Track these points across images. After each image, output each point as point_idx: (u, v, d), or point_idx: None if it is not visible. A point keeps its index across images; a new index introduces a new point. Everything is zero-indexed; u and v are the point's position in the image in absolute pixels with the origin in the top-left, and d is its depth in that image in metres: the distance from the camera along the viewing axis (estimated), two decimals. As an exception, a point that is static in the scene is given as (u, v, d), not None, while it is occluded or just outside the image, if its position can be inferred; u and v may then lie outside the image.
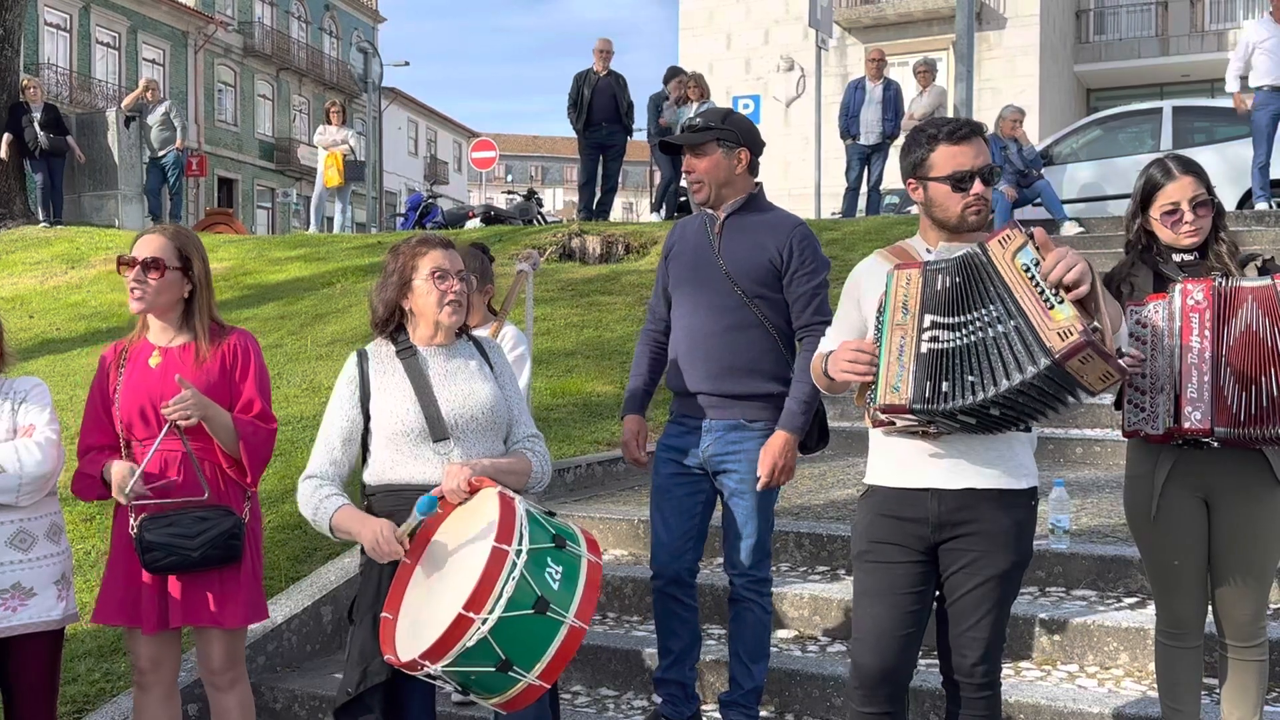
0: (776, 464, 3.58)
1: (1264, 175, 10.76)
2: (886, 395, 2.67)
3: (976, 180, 2.83)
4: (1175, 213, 3.13)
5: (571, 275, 10.31)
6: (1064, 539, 4.55)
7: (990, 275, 2.58)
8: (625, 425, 3.87)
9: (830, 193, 17.80)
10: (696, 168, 3.68)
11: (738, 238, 3.67)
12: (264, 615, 3.39)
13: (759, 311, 3.63)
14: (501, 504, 2.70)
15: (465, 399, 3.04)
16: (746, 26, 25.99)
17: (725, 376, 3.63)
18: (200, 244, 3.41)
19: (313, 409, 6.56)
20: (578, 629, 2.63)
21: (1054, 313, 2.48)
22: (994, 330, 2.56)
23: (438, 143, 53.75)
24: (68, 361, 8.39)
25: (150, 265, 3.25)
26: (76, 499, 3.28)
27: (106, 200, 15.67)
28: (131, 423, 3.23)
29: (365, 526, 2.90)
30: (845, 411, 6.61)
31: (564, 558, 2.70)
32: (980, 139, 2.89)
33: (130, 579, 3.23)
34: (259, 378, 3.33)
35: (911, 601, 2.86)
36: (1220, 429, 3.00)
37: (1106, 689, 3.79)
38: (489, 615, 2.54)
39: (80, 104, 28.20)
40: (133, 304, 3.30)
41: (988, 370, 2.55)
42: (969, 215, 2.85)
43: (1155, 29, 26.83)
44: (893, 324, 2.69)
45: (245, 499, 3.31)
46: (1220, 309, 3.02)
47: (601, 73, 12.85)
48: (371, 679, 2.91)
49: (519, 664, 2.60)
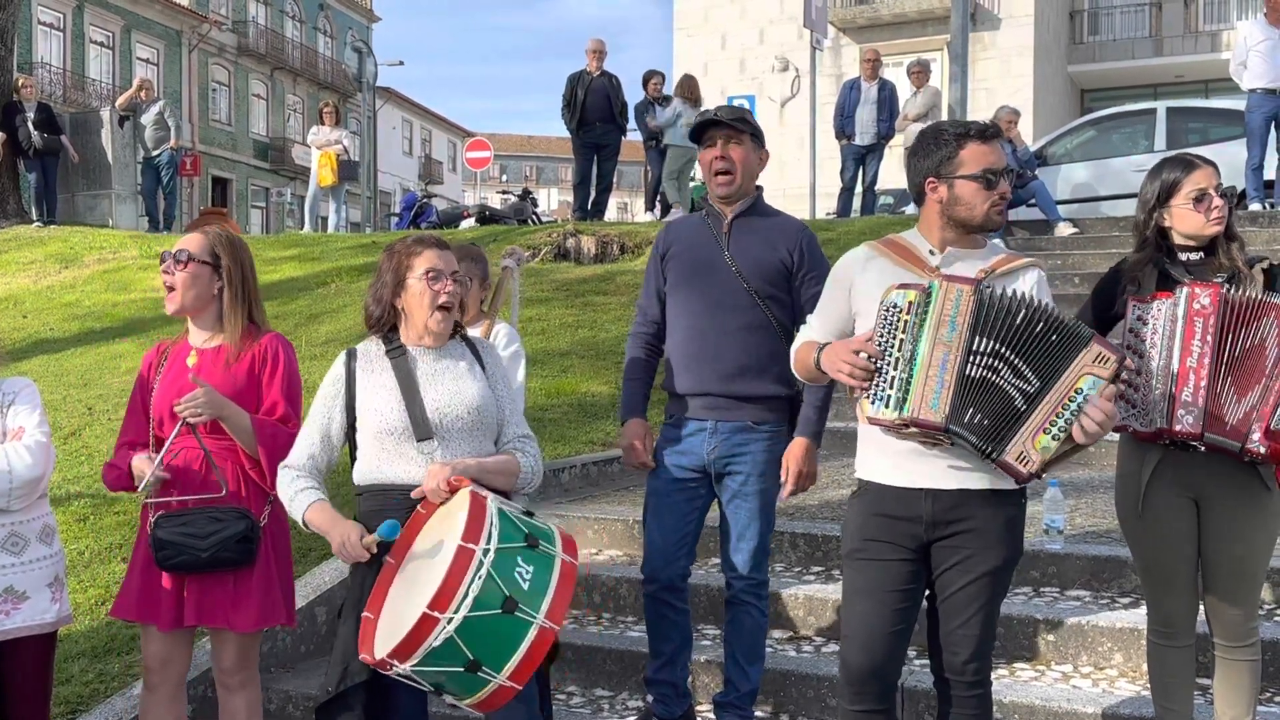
0: (801, 470, 3.58)
1: (1258, 176, 10.79)
2: (922, 410, 2.65)
3: (1004, 180, 2.85)
4: (1204, 198, 3.14)
5: (566, 275, 10.31)
6: (1059, 539, 4.55)
7: (1066, 356, 2.65)
8: (629, 430, 3.77)
9: (825, 193, 17.82)
10: (733, 154, 3.63)
11: (748, 238, 3.64)
12: (280, 619, 3.34)
13: (770, 312, 3.61)
14: (472, 503, 2.69)
15: (451, 398, 3.03)
16: (741, 26, 26.00)
17: (737, 378, 3.58)
18: (239, 246, 3.43)
19: (306, 408, 6.54)
20: (548, 630, 2.60)
21: (1040, 438, 2.64)
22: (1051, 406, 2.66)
23: (432, 142, 53.68)
24: (61, 362, 8.37)
25: (180, 259, 3.31)
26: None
27: (100, 200, 15.65)
28: (163, 420, 3.26)
29: (335, 528, 2.92)
30: (840, 412, 6.60)
31: (535, 557, 2.67)
32: (1000, 142, 2.93)
33: (148, 576, 3.25)
34: (287, 381, 3.35)
35: (900, 600, 2.86)
36: (1210, 435, 3.00)
37: (1101, 689, 3.80)
38: (454, 615, 2.53)
39: (74, 103, 28.13)
40: (167, 304, 3.37)
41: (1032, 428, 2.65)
42: (994, 214, 2.86)
43: (1149, 30, 26.88)
44: (935, 339, 2.66)
45: (267, 502, 3.30)
46: (1226, 317, 3.02)
47: (595, 73, 12.85)
48: (352, 678, 2.93)
49: (487, 664, 2.57)
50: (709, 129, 3.65)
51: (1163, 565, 3.19)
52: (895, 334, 2.71)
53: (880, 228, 10.80)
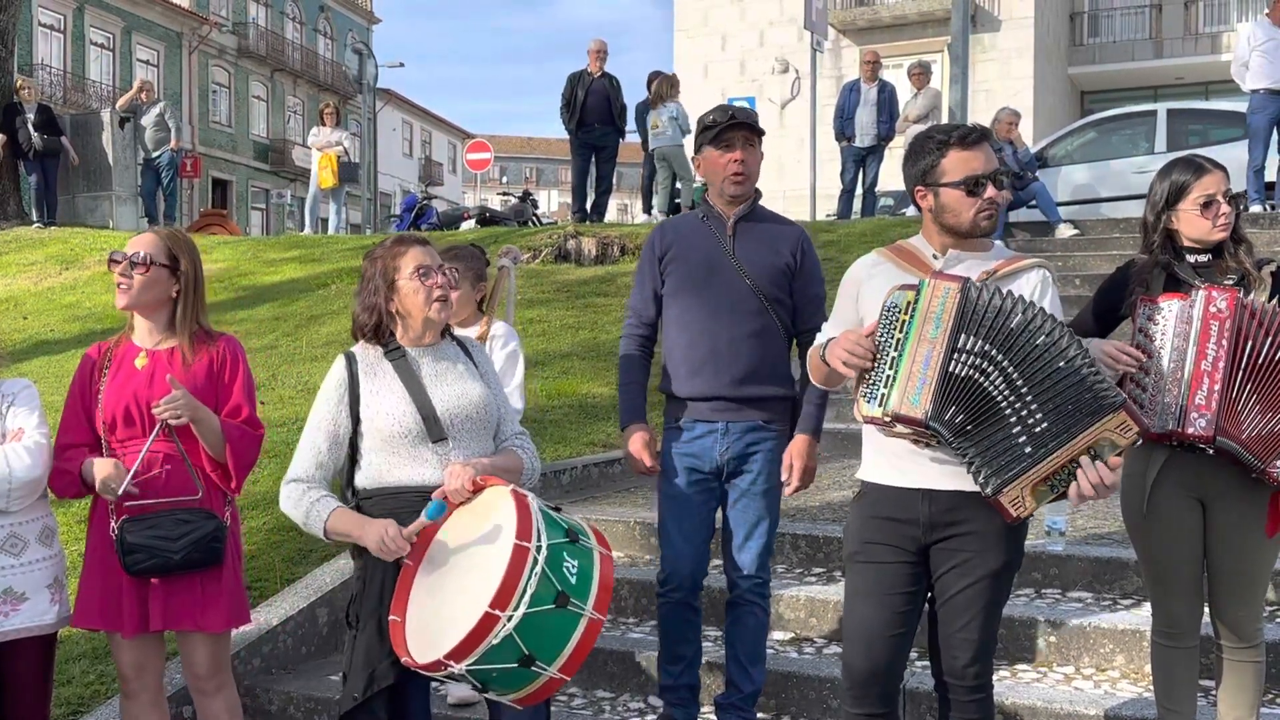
0: (807, 466, 3.60)
1: (1259, 178, 10.78)
2: (904, 405, 2.65)
3: (989, 185, 2.83)
4: (1212, 204, 3.13)
5: (567, 277, 10.30)
6: (1060, 541, 4.55)
7: (1089, 414, 2.63)
8: (633, 436, 3.71)
9: (825, 194, 17.83)
10: (750, 159, 3.63)
11: (753, 241, 3.64)
12: (246, 620, 3.36)
13: (776, 315, 3.62)
14: (517, 502, 2.71)
15: (459, 399, 3.03)
16: (741, 28, 26.01)
17: (749, 380, 3.58)
18: (193, 248, 3.38)
19: (307, 411, 6.53)
20: (596, 620, 2.67)
21: (1039, 488, 2.66)
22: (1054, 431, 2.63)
23: (432, 144, 53.70)
24: (62, 363, 8.36)
25: (136, 261, 3.25)
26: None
27: (101, 201, 15.65)
28: (115, 423, 3.20)
29: (368, 528, 2.86)
30: (842, 413, 6.60)
31: (578, 551, 2.73)
32: (989, 143, 2.90)
33: (108, 582, 3.19)
34: (246, 383, 3.33)
35: (902, 602, 2.86)
36: (1222, 440, 3.00)
37: (1103, 690, 3.79)
38: (514, 612, 2.57)
39: (74, 105, 28.15)
40: (119, 299, 3.29)
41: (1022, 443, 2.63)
42: (981, 220, 2.85)
43: (1149, 32, 26.88)
44: (921, 336, 2.67)
45: (226, 503, 3.30)
46: (1245, 323, 3.01)
47: (596, 74, 12.83)
48: (379, 683, 2.90)
49: (541, 658, 2.63)
50: (728, 130, 3.62)
51: (1168, 566, 3.18)
52: (892, 334, 2.72)
53: (880, 229, 10.81)
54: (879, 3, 25.13)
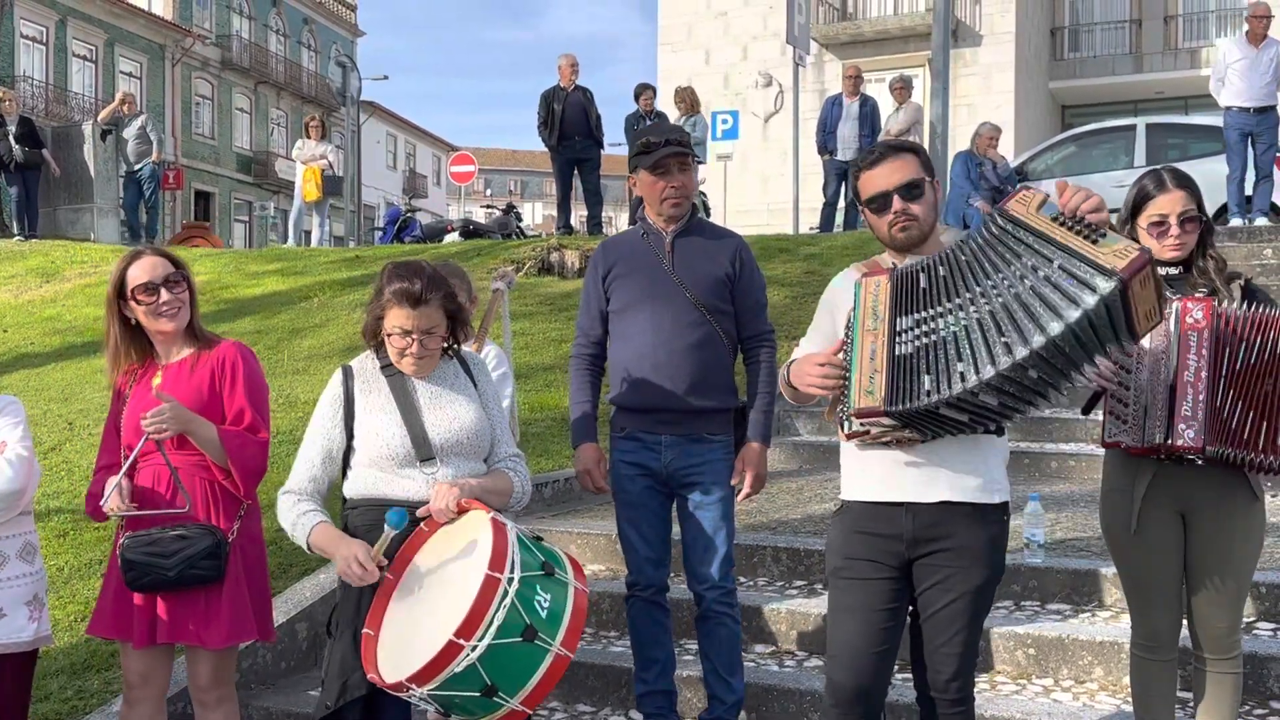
0: (759, 474, 3.69)
1: (1240, 191, 10.88)
2: (861, 399, 2.64)
3: (894, 198, 2.84)
4: (1162, 224, 3.14)
5: (550, 289, 10.30)
6: (1039, 553, 4.57)
7: (1018, 233, 2.47)
8: (583, 454, 3.81)
9: (808, 207, 17.87)
10: (685, 183, 3.73)
11: (691, 255, 3.72)
12: (253, 635, 3.29)
13: (717, 326, 3.69)
14: (494, 530, 2.70)
15: (451, 423, 3.04)
16: (725, 42, 26.08)
17: (692, 392, 3.65)
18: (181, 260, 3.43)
19: (289, 423, 6.53)
20: (563, 657, 2.65)
21: (1102, 243, 2.37)
22: (1015, 289, 2.42)
23: (416, 156, 53.67)
24: (42, 376, 8.32)
25: (175, 281, 3.27)
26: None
27: (82, 214, 15.60)
28: (132, 441, 3.22)
29: (340, 548, 2.88)
30: (823, 426, 6.62)
31: (552, 585, 2.71)
32: (900, 157, 2.86)
33: (121, 593, 3.22)
34: (250, 388, 3.31)
35: (885, 618, 2.86)
36: (1212, 449, 3.01)
37: (1081, 703, 3.81)
38: (479, 643, 2.55)
39: (56, 117, 28.03)
40: (176, 320, 3.28)
41: (996, 343, 2.43)
42: (896, 233, 2.87)
43: (1129, 47, 27.06)
44: (863, 331, 2.68)
45: (237, 515, 3.28)
46: (1222, 330, 3.03)
47: (569, 87, 12.84)
48: (351, 693, 2.91)
49: (504, 690, 2.61)
50: (664, 155, 3.67)
51: (1151, 580, 3.19)
52: (849, 346, 2.72)
53: (863, 242, 10.84)
54: (861, 17, 25.24)
